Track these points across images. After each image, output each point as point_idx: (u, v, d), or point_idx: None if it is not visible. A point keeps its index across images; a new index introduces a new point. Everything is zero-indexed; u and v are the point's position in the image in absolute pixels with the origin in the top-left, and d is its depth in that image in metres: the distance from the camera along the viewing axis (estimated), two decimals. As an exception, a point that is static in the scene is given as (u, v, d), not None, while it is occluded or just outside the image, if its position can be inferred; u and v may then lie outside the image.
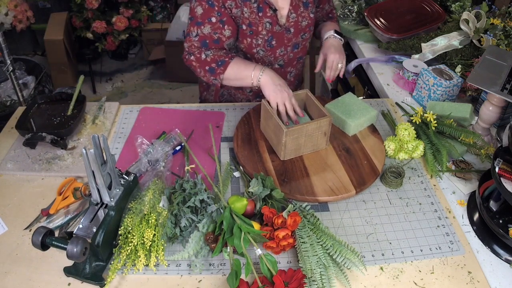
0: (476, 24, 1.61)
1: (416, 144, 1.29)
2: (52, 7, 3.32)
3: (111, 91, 3.44)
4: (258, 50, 1.43)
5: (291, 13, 1.40)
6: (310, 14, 1.45)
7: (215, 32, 1.31)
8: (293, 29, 1.43)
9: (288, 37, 1.44)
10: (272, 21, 1.38)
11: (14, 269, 0.99)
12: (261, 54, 1.44)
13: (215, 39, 1.32)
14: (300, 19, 1.43)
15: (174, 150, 1.30)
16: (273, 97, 1.24)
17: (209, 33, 1.31)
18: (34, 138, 1.28)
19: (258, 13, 1.34)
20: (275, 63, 1.49)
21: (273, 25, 1.39)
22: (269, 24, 1.38)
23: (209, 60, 1.31)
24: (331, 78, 1.49)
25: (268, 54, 1.44)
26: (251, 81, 1.28)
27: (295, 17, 1.41)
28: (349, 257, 0.96)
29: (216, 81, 1.32)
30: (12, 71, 1.77)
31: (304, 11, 1.43)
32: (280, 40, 1.43)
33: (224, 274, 1.00)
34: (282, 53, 1.46)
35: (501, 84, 1.22)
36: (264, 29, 1.38)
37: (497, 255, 1.05)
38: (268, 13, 1.36)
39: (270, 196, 1.11)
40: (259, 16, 1.35)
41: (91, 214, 0.99)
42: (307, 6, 1.44)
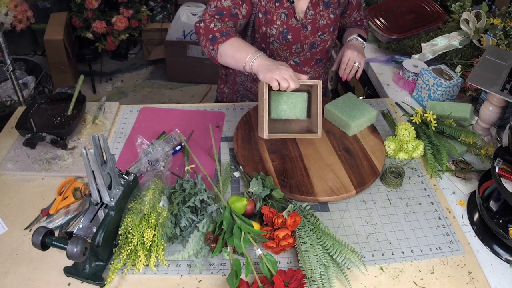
0: (476, 24, 1.61)
1: (416, 144, 1.29)
2: (52, 7, 3.32)
3: (111, 91, 3.44)
4: (273, 41, 1.42)
5: (309, 9, 1.39)
6: (330, 15, 1.43)
7: (235, 6, 1.31)
8: (310, 26, 1.41)
9: (305, 34, 1.42)
10: (288, 13, 1.38)
11: (14, 269, 0.99)
12: (276, 45, 1.42)
13: (233, 13, 1.31)
14: (318, 17, 1.41)
15: (174, 150, 1.30)
16: (269, 76, 1.14)
17: (228, 6, 1.30)
18: (34, 138, 1.28)
19: (275, 2, 1.36)
20: (290, 59, 1.47)
21: (289, 17, 1.38)
22: (284, 15, 1.37)
23: (215, 29, 1.26)
24: (345, 76, 1.45)
25: (284, 48, 1.43)
26: (243, 64, 1.21)
27: (313, 14, 1.40)
28: (349, 257, 0.96)
29: (213, 51, 1.26)
30: (12, 71, 1.77)
31: (324, 10, 1.41)
32: (296, 36, 1.41)
33: (224, 274, 1.00)
34: (298, 50, 1.45)
35: (501, 84, 1.22)
36: (279, 19, 1.37)
37: (497, 255, 1.05)
38: (285, 4, 1.36)
39: (270, 196, 1.11)
40: (275, 6, 1.36)
41: (91, 214, 0.99)
42: (328, 6, 1.42)
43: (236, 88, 1.62)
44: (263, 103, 1.18)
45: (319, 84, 1.25)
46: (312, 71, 1.55)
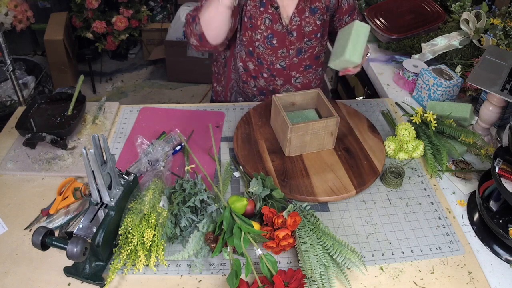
0: (476, 24, 1.61)
1: (416, 144, 1.29)
2: (52, 7, 3.32)
3: (111, 91, 3.44)
4: (258, 46, 1.44)
5: (294, 16, 1.40)
6: (317, 21, 1.42)
7: None
8: (296, 33, 1.42)
9: (291, 40, 1.43)
10: (272, 18, 1.38)
11: (14, 269, 0.99)
12: (261, 50, 1.44)
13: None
14: (304, 24, 1.41)
15: (174, 150, 1.30)
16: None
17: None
18: (34, 138, 1.28)
19: (259, 7, 1.37)
20: (276, 63, 1.48)
21: (273, 23, 1.39)
22: (268, 20, 1.38)
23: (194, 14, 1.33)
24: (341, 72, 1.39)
25: (269, 52, 1.45)
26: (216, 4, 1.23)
27: (298, 21, 1.40)
28: (349, 257, 0.96)
29: (197, 28, 1.30)
30: (12, 71, 1.77)
31: (310, 16, 1.41)
32: (282, 41, 1.43)
33: (224, 274, 1.00)
34: (284, 55, 1.46)
35: (501, 84, 1.22)
36: (263, 25, 1.39)
37: (497, 255, 1.05)
38: (269, 9, 1.37)
39: (270, 196, 1.11)
40: (259, 11, 1.37)
41: (91, 214, 0.99)
42: (315, 12, 1.41)
43: (231, 84, 1.63)
44: (281, 116, 1.24)
45: (318, 91, 1.34)
46: (302, 77, 1.55)
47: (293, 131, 1.20)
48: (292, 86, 1.56)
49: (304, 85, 1.57)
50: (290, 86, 1.56)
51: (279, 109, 1.25)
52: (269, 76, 1.52)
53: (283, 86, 1.55)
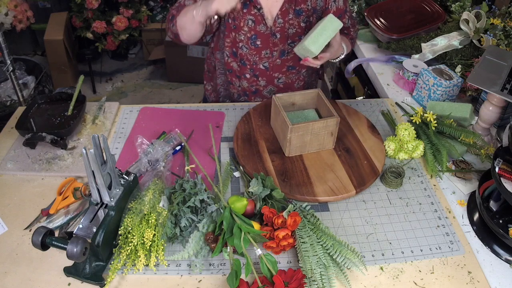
0: (476, 24, 1.61)
1: (416, 144, 1.29)
2: (52, 7, 3.32)
3: (111, 91, 3.44)
4: (242, 46, 1.45)
5: (278, 17, 1.40)
6: (301, 23, 1.42)
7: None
8: (279, 34, 1.43)
9: (274, 41, 1.44)
10: (255, 19, 1.39)
11: (14, 269, 0.99)
12: (245, 50, 1.46)
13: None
14: (287, 26, 1.41)
15: (174, 150, 1.30)
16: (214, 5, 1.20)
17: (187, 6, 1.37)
18: (34, 138, 1.28)
19: (242, 9, 1.38)
20: (259, 63, 1.49)
21: (256, 24, 1.40)
22: (251, 21, 1.39)
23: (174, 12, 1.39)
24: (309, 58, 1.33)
25: (253, 53, 1.46)
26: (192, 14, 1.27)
27: (282, 22, 1.41)
28: (349, 257, 0.96)
29: (174, 27, 1.37)
30: (12, 71, 1.77)
31: (294, 18, 1.41)
32: (265, 42, 1.44)
33: (224, 274, 1.00)
34: (267, 56, 1.47)
35: (501, 84, 1.22)
36: (246, 26, 1.40)
37: (497, 255, 1.05)
38: (252, 10, 1.38)
39: (270, 196, 1.11)
40: (242, 12, 1.39)
41: (91, 214, 0.99)
42: (299, 14, 1.41)
43: (218, 88, 1.65)
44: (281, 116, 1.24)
45: (318, 91, 1.34)
46: (284, 77, 1.55)
47: (293, 131, 1.20)
48: (274, 87, 1.57)
49: (286, 85, 1.58)
50: (273, 87, 1.57)
51: (279, 109, 1.25)
52: (252, 77, 1.53)
53: (266, 87, 1.56)
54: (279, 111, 1.24)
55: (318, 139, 1.25)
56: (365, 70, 1.88)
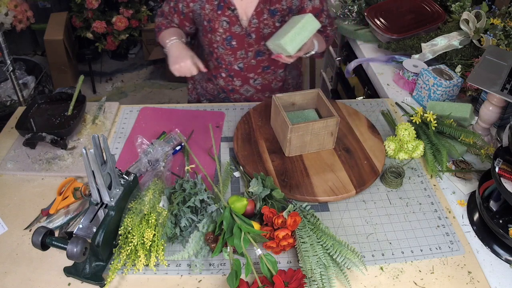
0: (476, 24, 1.61)
1: (416, 144, 1.29)
2: (52, 7, 3.31)
3: (111, 91, 3.44)
4: (217, 47, 1.47)
5: (253, 18, 1.41)
6: (276, 23, 1.42)
7: (169, 14, 1.51)
8: (254, 35, 1.43)
9: (249, 42, 1.45)
10: (230, 20, 1.41)
11: (14, 269, 0.99)
12: (221, 51, 1.48)
13: (168, 19, 1.52)
14: (262, 26, 1.42)
15: (174, 150, 1.30)
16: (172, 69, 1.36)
17: (166, 12, 1.52)
18: (34, 138, 1.28)
19: (217, 11, 1.40)
20: (234, 64, 1.51)
21: (231, 25, 1.41)
22: (226, 23, 1.41)
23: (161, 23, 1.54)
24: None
25: (228, 53, 1.48)
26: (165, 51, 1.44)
27: (257, 23, 1.41)
28: (349, 257, 0.96)
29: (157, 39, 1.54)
30: (12, 71, 1.77)
31: (269, 19, 1.41)
32: (241, 43, 1.45)
33: (224, 274, 1.00)
34: (242, 56, 1.48)
35: (501, 84, 1.22)
36: (221, 27, 1.42)
37: (497, 255, 1.05)
38: (226, 12, 1.39)
39: (270, 196, 1.11)
40: (217, 14, 1.40)
41: (91, 214, 0.99)
42: (274, 14, 1.41)
43: (196, 85, 1.69)
44: (281, 116, 1.24)
45: (318, 90, 1.34)
46: (260, 78, 1.56)
47: (293, 131, 1.20)
48: (251, 87, 1.58)
49: (263, 86, 1.59)
50: (249, 87, 1.58)
51: (279, 109, 1.25)
52: (227, 76, 1.55)
53: (242, 87, 1.58)
54: (279, 111, 1.24)
55: (318, 139, 1.25)
56: (365, 70, 1.88)
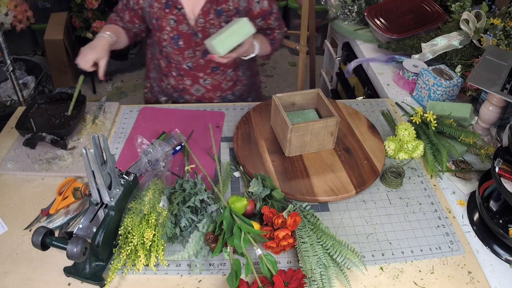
0: (476, 24, 1.61)
1: (416, 144, 1.29)
2: (52, 7, 3.31)
3: (111, 91, 3.44)
4: (166, 45, 1.49)
5: (200, 17, 1.41)
6: (222, 23, 1.43)
7: (121, 11, 1.53)
8: (201, 34, 1.44)
9: (196, 41, 1.46)
10: (177, 19, 1.42)
11: (14, 269, 0.99)
12: (169, 49, 1.50)
13: (119, 15, 1.54)
14: (208, 25, 1.43)
15: (174, 150, 1.30)
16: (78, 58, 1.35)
17: (119, 9, 1.54)
18: (34, 138, 1.28)
19: (165, 9, 1.41)
20: (183, 63, 1.52)
21: (178, 24, 1.42)
22: (173, 21, 1.42)
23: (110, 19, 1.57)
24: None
25: (176, 52, 1.49)
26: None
27: (203, 22, 1.42)
28: (349, 257, 0.96)
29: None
30: (12, 71, 1.77)
31: (215, 19, 1.42)
32: (188, 42, 1.46)
33: (224, 274, 1.00)
34: (190, 55, 1.49)
35: (501, 84, 1.22)
36: (168, 26, 1.43)
37: (497, 255, 1.05)
38: (173, 10, 1.41)
39: (270, 196, 1.11)
40: (164, 12, 1.42)
41: (91, 214, 0.99)
42: (220, 15, 1.42)
43: (152, 83, 1.70)
44: (281, 116, 1.24)
45: (318, 90, 1.33)
46: (210, 78, 1.57)
47: (293, 131, 1.20)
48: (201, 86, 1.59)
49: (214, 86, 1.59)
50: (200, 86, 1.59)
51: (279, 109, 1.25)
52: (178, 76, 1.56)
53: (192, 86, 1.58)
54: (279, 111, 1.24)
55: (318, 139, 1.25)
56: (365, 70, 1.88)
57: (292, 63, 3.78)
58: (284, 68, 3.73)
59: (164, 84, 1.63)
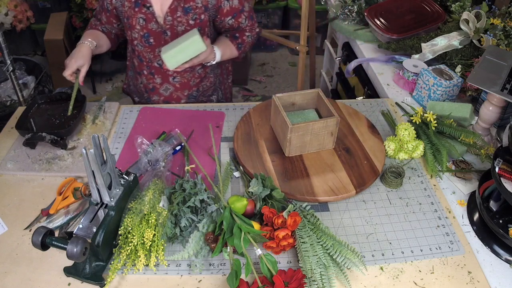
0: (476, 24, 1.61)
1: (416, 144, 1.29)
2: (52, 7, 3.31)
3: (111, 91, 3.44)
4: (137, 44, 1.51)
5: (167, 15, 1.42)
6: (189, 21, 1.43)
7: (99, 13, 1.57)
8: (170, 32, 1.45)
9: (166, 39, 1.47)
10: (146, 17, 1.43)
11: (14, 269, 0.99)
12: (140, 48, 1.51)
13: (98, 18, 1.58)
14: (176, 23, 1.43)
15: (174, 150, 1.30)
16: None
17: (97, 11, 1.58)
18: (34, 138, 1.28)
19: (134, 8, 1.43)
20: (154, 61, 1.53)
21: (147, 22, 1.44)
22: (142, 20, 1.44)
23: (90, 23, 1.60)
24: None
25: (148, 50, 1.50)
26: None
27: (171, 20, 1.43)
28: (349, 257, 0.96)
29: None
30: (12, 71, 1.77)
31: (182, 16, 1.42)
32: (158, 40, 1.47)
33: (224, 274, 1.00)
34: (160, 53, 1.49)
35: (501, 84, 1.22)
36: (138, 24, 1.45)
37: (497, 255, 1.05)
38: (142, 9, 1.42)
39: (270, 196, 1.11)
40: (134, 11, 1.43)
41: (91, 214, 0.99)
42: (188, 12, 1.42)
43: (129, 81, 1.72)
44: (281, 116, 1.24)
45: (318, 91, 1.33)
46: (179, 76, 1.57)
47: (293, 131, 1.20)
48: (170, 85, 1.59)
49: (182, 84, 1.60)
50: (169, 85, 1.59)
51: (279, 109, 1.25)
52: (149, 74, 1.57)
53: (162, 85, 1.59)
54: (279, 111, 1.24)
55: (318, 139, 1.25)
56: (365, 70, 1.88)
57: (292, 63, 3.78)
58: (284, 68, 3.73)
59: (138, 82, 1.65)
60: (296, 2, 3.56)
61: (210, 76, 1.65)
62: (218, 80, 1.71)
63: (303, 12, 2.25)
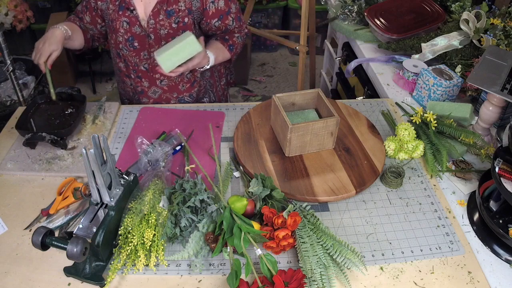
0: (476, 24, 1.61)
1: (416, 144, 1.29)
2: (52, 7, 3.31)
3: (111, 91, 3.44)
4: (122, 47, 1.50)
5: (150, 18, 1.41)
6: (172, 24, 1.42)
7: (81, 12, 1.55)
8: (153, 35, 1.44)
9: (150, 42, 1.46)
10: (130, 21, 1.43)
11: (14, 269, 0.99)
12: (125, 51, 1.50)
13: (80, 16, 1.55)
14: (159, 26, 1.42)
15: (174, 150, 1.30)
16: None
17: (78, 10, 1.56)
18: (34, 138, 1.28)
19: (118, 11, 1.42)
20: (140, 65, 1.52)
21: (131, 25, 1.43)
22: (126, 23, 1.43)
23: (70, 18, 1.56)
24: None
25: (132, 54, 1.49)
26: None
27: (154, 23, 1.42)
28: (349, 257, 0.96)
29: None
30: (12, 71, 1.76)
31: (165, 19, 1.41)
32: (142, 44, 1.47)
33: (224, 274, 1.00)
34: (146, 57, 1.50)
35: (501, 84, 1.22)
36: (122, 28, 1.44)
37: (497, 255, 1.05)
38: (126, 12, 1.42)
39: (270, 196, 1.11)
40: (118, 14, 1.43)
41: (91, 214, 0.99)
42: (171, 15, 1.41)
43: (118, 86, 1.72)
44: (281, 116, 1.24)
45: (318, 90, 1.33)
46: (166, 79, 1.56)
47: (293, 131, 1.20)
48: (158, 88, 1.58)
49: (170, 87, 1.58)
50: (156, 88, 1.58)
51: (279, 109, 1.25)
52: (136, 77, 1.56)
53: (150, 88, 1.58)
54: (279, 111, 1.24)
55: (318, 139, 1.25)
56: (365, 70, 1.88)
57: (292, 63, 3.78)
58: (284, 68, 3.73)
59: (126, 86, 1.64)
60: (296, 2, 3.56)
61: (200, 80, 1.63)
62: (208, 83, 1.69)
63: (303, 12, 2.25)
